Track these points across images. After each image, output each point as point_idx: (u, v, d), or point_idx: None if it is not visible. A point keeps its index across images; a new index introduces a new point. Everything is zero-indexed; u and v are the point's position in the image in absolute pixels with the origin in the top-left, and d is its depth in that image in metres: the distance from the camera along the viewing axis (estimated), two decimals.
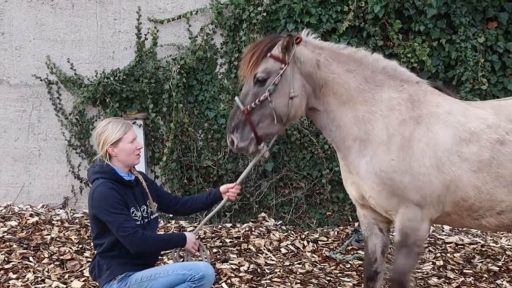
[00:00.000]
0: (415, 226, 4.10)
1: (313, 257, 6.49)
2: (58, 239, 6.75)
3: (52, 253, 6.32)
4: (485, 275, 6.01)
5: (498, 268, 6.19)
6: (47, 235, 6.85)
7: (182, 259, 4.54)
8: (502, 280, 5.91)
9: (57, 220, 7.43)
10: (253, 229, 7.16)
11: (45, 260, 6.14)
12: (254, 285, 5.71)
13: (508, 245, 6.91)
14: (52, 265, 6.01)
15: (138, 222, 4.25)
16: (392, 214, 4.18)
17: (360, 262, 6.24)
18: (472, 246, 6.86)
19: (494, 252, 6.66)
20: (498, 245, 6.88)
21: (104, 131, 4.29)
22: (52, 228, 7.12)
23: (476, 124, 4.10)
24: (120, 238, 4.14)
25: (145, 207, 4.38)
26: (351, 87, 4.21)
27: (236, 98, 4.24)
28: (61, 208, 7.97)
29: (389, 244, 4.60)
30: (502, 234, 7.28)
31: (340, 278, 5.93)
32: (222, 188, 4.64)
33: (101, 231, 4.25)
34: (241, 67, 4.27)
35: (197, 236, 4.63)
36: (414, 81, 4.29)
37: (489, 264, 6.29)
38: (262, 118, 4.17)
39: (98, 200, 4.16)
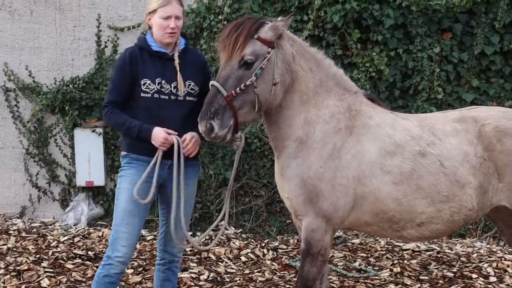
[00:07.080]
0: (317, 237, 4.10)
1: (273, 265, 6.53)
2: (14, 249, 6.66)
3: (8, 264, 6.22)
4: (441, 281, 6.13)
5: (453, 274, 6.32)
6: (3, 245, 6.74)
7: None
8: (456, 286, 6.03)
9: (14, 230, 7.32)
10: (213, 238, 7.16)
11: (1, 271, 6.04)
12: None
13: (463, 251, 7.06)
14: (8, 276, 5.91)
15: (149, 95, 4.20)
16: (301, 220, 4.18)
17: None
18: (428, 253, 6.99)
19: (449, 258, 6.80)
20: (453, 252, 7.02)
21: None
22: (9, 238, 7.02)
23: (402, 136, 4.13)
24: None
25: (176, 84, 4.27)
26: (310, 88, 4.16)
27: (215, 82, 3.94)
28: (18, 218, 7.84)
29: None
30: (457, 240, 7.45)
31: None
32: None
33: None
34: (223, 47, 3.98)
35: (177, 134, 4.17)
36: (353, 91, 4.28)
37: (445, 271, 6.41)
38: (243, 105, 3.96)
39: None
